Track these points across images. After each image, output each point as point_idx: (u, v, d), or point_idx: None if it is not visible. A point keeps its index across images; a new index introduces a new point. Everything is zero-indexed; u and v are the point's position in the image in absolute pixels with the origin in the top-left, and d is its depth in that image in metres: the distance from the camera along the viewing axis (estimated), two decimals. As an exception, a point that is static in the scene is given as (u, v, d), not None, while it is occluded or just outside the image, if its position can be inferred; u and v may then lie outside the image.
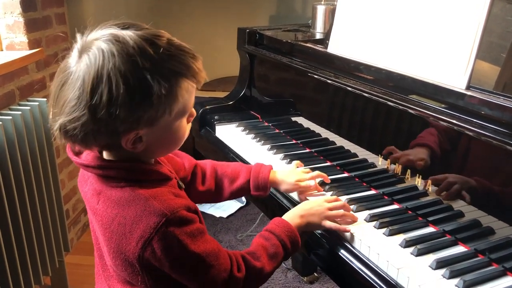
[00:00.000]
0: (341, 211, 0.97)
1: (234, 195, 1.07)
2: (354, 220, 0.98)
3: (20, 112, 1.54)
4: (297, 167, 1.14)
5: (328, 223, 0.95)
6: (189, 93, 0.78)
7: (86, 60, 0.71)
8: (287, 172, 1.09)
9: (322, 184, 1.12)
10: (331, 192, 1.09)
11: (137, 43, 0.71)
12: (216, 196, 1.07)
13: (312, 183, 1.08)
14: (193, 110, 0.83)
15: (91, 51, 0.71)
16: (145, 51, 0.71)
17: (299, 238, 0.93)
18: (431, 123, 0.97)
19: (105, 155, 0.83)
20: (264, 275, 0.88)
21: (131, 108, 0.71)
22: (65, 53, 0.77)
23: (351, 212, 1.00)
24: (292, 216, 0.96)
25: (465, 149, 0.93)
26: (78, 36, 0.75)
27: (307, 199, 1.06)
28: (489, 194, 0.89)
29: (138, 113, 0.72)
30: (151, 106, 0.72)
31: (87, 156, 0.83)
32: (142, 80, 0.70)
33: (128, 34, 0.72)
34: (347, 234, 0.95)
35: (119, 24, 0.74)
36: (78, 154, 0.84)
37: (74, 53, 0.74)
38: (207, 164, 1.08)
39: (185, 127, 0.83)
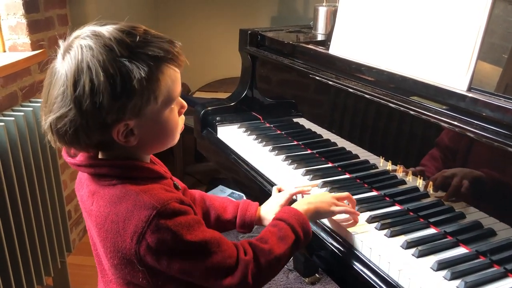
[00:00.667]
0: (347, 206, 0.98)
1: (219, 228, 1.04)
2: (356, 213, 0.98)
3: (22, 113, 1.55)
4: (278, 191, 1.11)
5: (337, 208, 0.96)
6: (172, 79, 0.78)
7: (67, 58, 0.74)
8: (269, 206, 1.05)
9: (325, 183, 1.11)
10: (332, 194, 1.09)
11: (113, 34, 0.73)
12: None
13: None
14: (183, 101, 0.84)
15: (71, 49, 0.74)
16: (122, 40, 0.73)
17: (309, 224, 0.91)
18: (432, 125, 0.97)
19: (100, 156, 0.83)
20: (275, 256, 0.85)
21: (114, 96, 0.72)
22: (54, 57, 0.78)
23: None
24: (299, 204, 0.95)
25: (466, 151, 0.93)
26: (60, 41, 0.78)
27: None
28: (490, 195, 0.89)
29: (121, 100, 0.73)
30: (133, 92, 0.73)
31: (81, 156, 0.84)
32: (121, 66, 0.72)
33: (105, 29, 0.75)
34: (351, 237, 0.95)
35: (97, 23, 0.77)
36: (74, 157, 0.85)
37: (59, 56, 0.77)
38: (196, 192, 1.07)
39: (176, 119, 0.83)
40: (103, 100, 0.72)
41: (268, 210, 1.04)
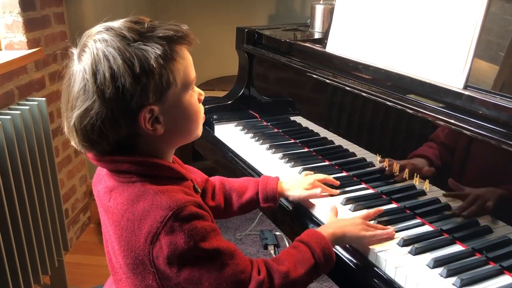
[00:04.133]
0: (379, 228, 0.92)
1: (243, 209, 1.05)
2: (391, 236, 0.92)
3: (19, 112, 1.55)
4: (306, 175, 1.12)
5: (370, 232, 0.90)
6: (186, 60, 0.80)
7: (84, 56, 0.75)
8: (294, 181, 1.08)
9: (331, 187, 1.10)
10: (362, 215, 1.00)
11: (123, 24, 0.76)
12: (226, 211, 1.05)
13: (319, 190, 1.06)
14: (200, 90, 0.85)
15: (86, 47, 0.76)
16: (132, 27, 0.76)
17: (332, 249, 0.86)
18: (429, 123, 0.97)
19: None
20: (291, 280, 0.81)
21: (135, 77, 0.73)
22: (64, 52, 0.78)
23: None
24: (325, 227, 0.91)
25: (462, 149, 0.93)
26: (71, 49, 0.78)
27: (314, 204, 1.05)
28: (486, 193, 0.89)
29: (142, 81, 0.74)
30: (153, 72, 0.74)
31: None
32: (136, 50, 0.74)
33: (114, 22, 0.78)
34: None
35: (106, 21, 0.79)
36: None
37: (74, 59, 0.77)
38: (216, 179, 1.07)
39: (197, 104, 0.84)
40: (125, 83, 0.73)
41: (293, 184, 1.05)
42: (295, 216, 1.10)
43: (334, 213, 0.99)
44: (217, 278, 0.76)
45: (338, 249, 0.95)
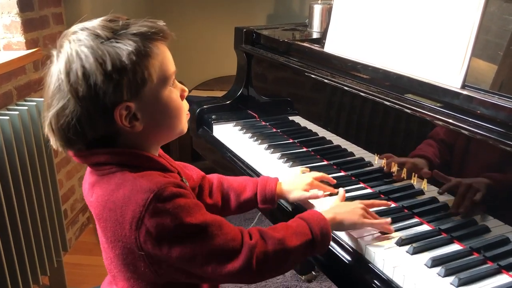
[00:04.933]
0: (379, 219, 0.93)
1: (241, 209, 1.05)
2: (389, 230, 0.93)
3: (17, 112, 1.54)
4: (302, 172, 1.12)
5: (368, 220, 0.91)
6: (162, 55, 0.79)
7: (60, 56, 0.76)
8: (293, 182, 1.07)
9: (328, 185, 1.10)
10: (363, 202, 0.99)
11: (97, 23, 0.77)
12: (223, 209, 1.04)
13: (320, 193, 1.05)
14: (184, 86, 0.85)
15: (62, 47, 0.77)
16: (106, 26, 0.76)
17: (330, 230, 0.86)
18: (427, 122, 0.98)
19: None
20: (285, 247, 0.80)
21: (106, 74, 0.73)
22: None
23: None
24: (327, 211, 0.91)
25: (460, 148, 0.93)
26: (53, 50, 0.79)
27: (313, 204, 1.05)
28: (484, 192, 0.89)
29: (115, 79, 0.73)
30: (125, 69, 0.74)
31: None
32: (109, 47, 0.74)
33: (90, 22, 0.78)
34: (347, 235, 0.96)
35: (83, 21, 0.80)
36: None
37: (54, 59, 0.78)
38: (214, 177, 1.07)
39: (179, 100, 0.83)
40: (96, 80, 0.73)
41: (293, 186, 1.04)
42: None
43: (340, 199, 1.00)
44: (209, 250, 0.76)
45: (337, 249, 0.95)
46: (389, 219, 0.94)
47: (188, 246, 0.76)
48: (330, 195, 1.08)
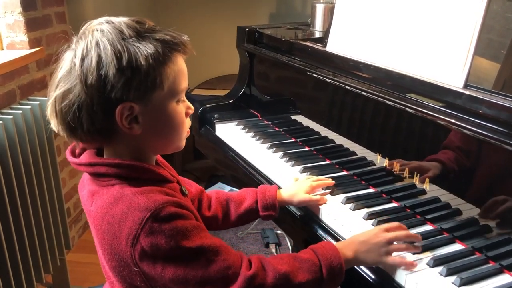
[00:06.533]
0: (404, 245, 0.86)
1: (242, 219, 1.03)
2: (414, 264, 0.84)
3: (21, 111, 1.55)
4: (296, 180, 1.11)
5: (390, 259, 0.84)
6: (179, 67, 0.79)
7: (79, 43, 0.76)
8: (293, 187, 1.06)
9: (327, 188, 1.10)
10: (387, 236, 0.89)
11: (124, 21, 0.77)
12: (224, 221, 1.03)
13: (326, 198, 1.05)
14: (191, 105, 0.84)
15: (83, 35, 0.77)
16: (131, 25, 0.77)
17: (344, 270, 0.81)
18: (429, 122, 0.97)
19: (105, 154, 0.83)
20: (292, 284, 0.77)
21: (120, 68, 0.73)
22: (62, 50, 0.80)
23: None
24: (347, 246, 0.85)
25: (462, 148, 0.93)
26: (73, 36, 0.79)
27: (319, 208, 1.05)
28: (487, 192, 0.89)
29: (127, 75, 0.73)
30: (139, 69, 0.74)
31: (84, 155, 0.83)
32: (129, 45, 0.74)
33: (116, 17, 0.78)
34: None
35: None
36: (77, 157, 0.84)
37: (71, 46, 0.78)
38: (212, 192, 1.06)
39: (183, 116, 0.82)
40: (108, 72, 0.73)
41: (293, 191, 1.04)
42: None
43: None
44: (202, 275, 0.75)
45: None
46: (415, 263, 0.85)
47: (182, 269, 0.75)
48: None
